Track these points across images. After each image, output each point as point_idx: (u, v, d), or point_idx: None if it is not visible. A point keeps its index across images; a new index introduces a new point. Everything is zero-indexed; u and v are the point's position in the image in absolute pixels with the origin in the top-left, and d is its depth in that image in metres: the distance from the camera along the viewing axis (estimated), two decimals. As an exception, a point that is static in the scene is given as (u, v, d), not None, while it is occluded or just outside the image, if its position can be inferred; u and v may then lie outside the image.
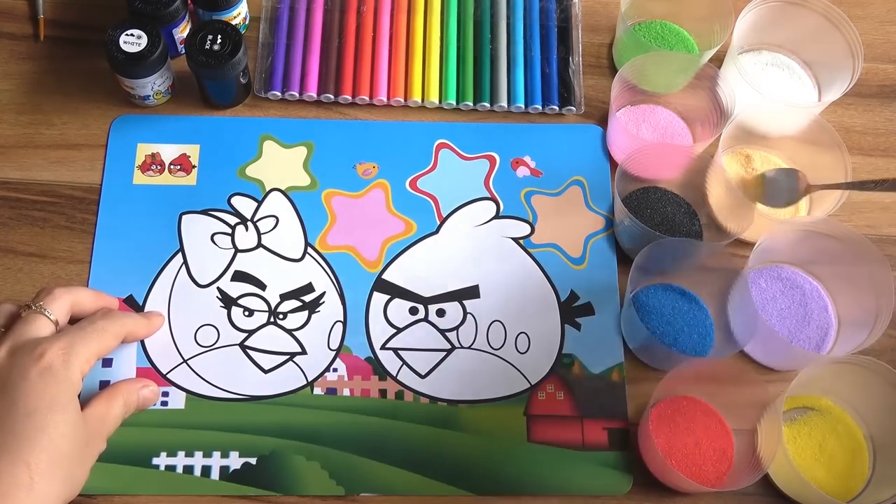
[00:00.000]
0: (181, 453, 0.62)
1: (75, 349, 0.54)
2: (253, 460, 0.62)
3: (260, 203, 0.70)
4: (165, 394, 0.63)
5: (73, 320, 0.59)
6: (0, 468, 0.49)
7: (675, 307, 0.68)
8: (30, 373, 0.52)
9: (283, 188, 0.70)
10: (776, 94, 0.77)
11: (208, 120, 0.73)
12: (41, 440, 0.51)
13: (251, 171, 0.71)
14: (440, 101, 0.74)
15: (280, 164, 0.71)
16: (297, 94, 0.73)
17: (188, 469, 0.61)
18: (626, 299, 0.67)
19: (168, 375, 0.64)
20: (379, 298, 0.67)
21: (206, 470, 0.61)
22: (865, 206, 0.74)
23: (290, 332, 0.66)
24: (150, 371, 0.64)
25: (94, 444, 0.55)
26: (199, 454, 0.62)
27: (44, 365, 0.53)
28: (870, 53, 0.79)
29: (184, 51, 0.69)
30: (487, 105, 0.74)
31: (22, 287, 0.66)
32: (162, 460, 0.61)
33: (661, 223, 0.70)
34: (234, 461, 0.61)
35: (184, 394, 0.63)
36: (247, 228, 0.69)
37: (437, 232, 0.70)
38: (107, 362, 0.64)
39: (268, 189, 0.70)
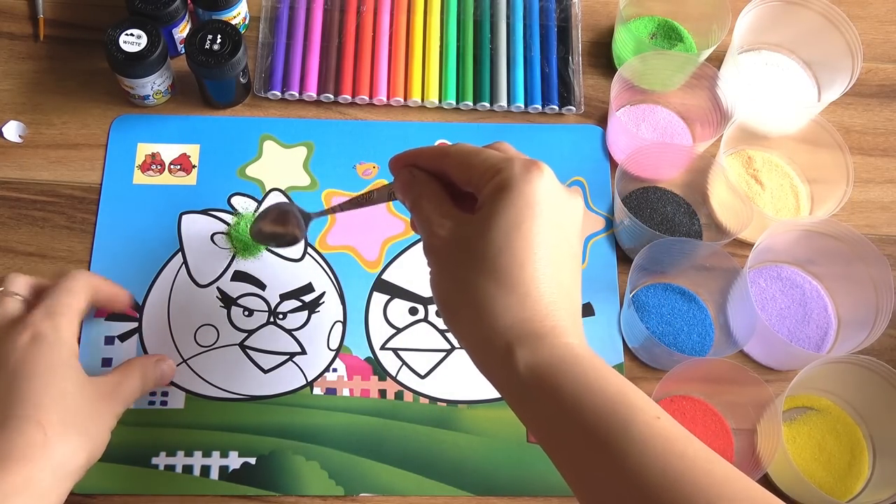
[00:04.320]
0: (180, 453, 0.62)
1: (56, 311, 0.55)
2: (252, 460, 0.62)
3: (260, 203, 0.70)
4: (165, 393, 0.63)
5: None
6: (12, 430, 0.50)
7: (674, 307, 0.68)
8: (20, 344, 0.53)
9: (283, 188, 0.70)
10: (776, 93, 0.77)
11: (208, 120, 0.73)
12: (47, 399, 0.51)
13: (251, 170, 0.71)
14: (440, 101, 0.74)
15: (280, 164, 0.71)
16: (296, 94, 0.73)
17: (187, 469, 0.61)
18: (626, 299, 0.67)
19: None
20: (379, 298, 0.67)
21: (205, 470, 0.61)
22: (865, 206, 0.74)
23: (289, 332, 0.66)
24: None
25: (109, 404, 0.55)
26: (198, 454, 0.62)
27: (32, 334, 0.53)
28: (869, 53, 0.79)
29: (184, 51, 0.69)
30: (487, 105, 0.74)
31: (22, 287, 0.66)
32: (161, 460, 0.61)
33: (660, 223, 0.70)
34: (234, 461, 0.61)
35: (183, 393, 0.63)
36: None
37: None
38: (106, 362, 0.64)
39: (268, 189, 0.70)
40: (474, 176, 0.47)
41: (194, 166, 0.70)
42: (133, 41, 0.67)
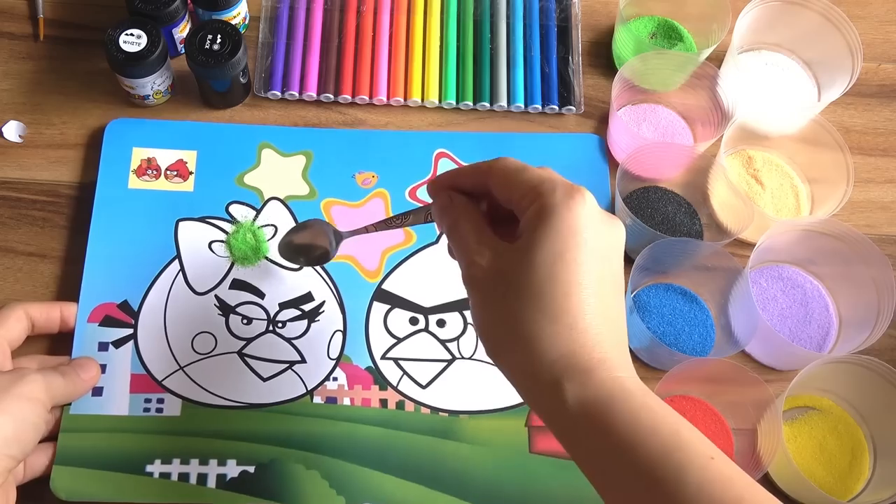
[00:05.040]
0: (176, 460, 0.61)
1: None
2: (251, 469, 0.61)
3: (258, 212, 0.69)
4: (161, 400, 0.62)
5: None
6: None
7: (676, 307, 0.68)
8: None
9: (281, 197, 0.70)
10: (776, 94, 0.77)
11: (205, 126, 0.72)
12: None
13: (249, 179, 0.70)
14: (440, 101, 0.74)
15: (279, 173, 0.70)
16: (296, 94, 0.73)
17: (183, 476, 0.60)
18: (628, 299, 0.66)
19: (163, 382, 0.63)
20: (379, 308, 0.67)
21: (202, 478, 0.60)
22: (865, 206, 0.74)
23: (289, 340, 0.65)
24: (145, 377, 0.63)
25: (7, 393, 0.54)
26: (194, 462, 0.61)
27: None
28: (869, 53, 0.79)
29: (183, 51, 0.69)
30: (487, 105, 0.74)
31: (22, 287, 0.66)
32: (156, 467, 0.60)
33: (661, 223, 0.70)
34: (232, 469, 0.61)
35: (179, 401, 0.62)
36: None
37: (437, 242, 0.69)
38: (100, 368, 0.63)
39: (266, 198, 0.69)
40: (515, 195, 0.45)
41: (191, 173, 0.70)
42: (133, 41, 0.67)
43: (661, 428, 0.40)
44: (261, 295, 0.66)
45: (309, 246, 0.65)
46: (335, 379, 0.64)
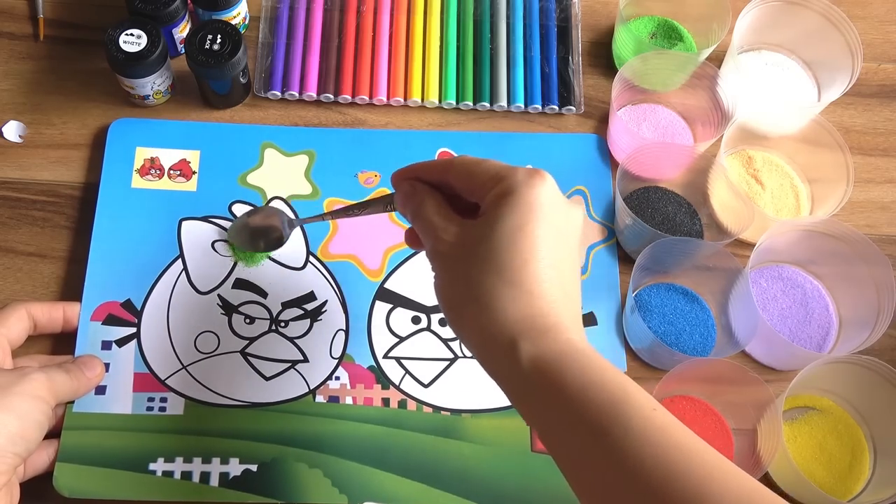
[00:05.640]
0: (179, 459, 0.61)
1: None
2: (254, 467, 0.61)
3: None
4: (164, 399, 0.63)
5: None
6: None
7: (677, 307, 0.68)
8: None
9: (284, 196, 0.70)
10: (776, 94, 0.77)
11: (208, 126, 0.72)
12: None
13: (252, 178, 0.70)
14: (440, 101, 0.74)
15: (281, 173, 0.70)
16: (296, 94, 0.73)
17: (186, 475, 0.60)
18: (629, 299, 0.66)
19: (166, 381, 0.63)
20: (381, 307, 0.67)
21: (204, 476, 0.60)
22: (865, 206, 0.74)
23: (291, 340, 0.65)
24: (148, 376, 0.63)
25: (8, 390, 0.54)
26: (197, 460, 0.61)
27: None
28: (869, 53, 0.79)
29: (183, 51, 0.69)
30: (487, 105, 0.74)
31: (22, 287, 0.66)
32: (159, 466, 0.60)
33: (661, 223, 0.70)
34: (234, 468, 0.61)
35: (182, 400, 0.63)
36: None
37: None
38: (104, 366, 0.63)
39: (269, 197, 0.69)
40: (478, 184, 0.48)
41: (194, 172, 0.70)
42: (133, 41, 0.67)
43: (608, 383, 0.43)
44: (263, 294, 0.66)
45: (265, 228, 0.65)
46: (337, 378, 0.64)
